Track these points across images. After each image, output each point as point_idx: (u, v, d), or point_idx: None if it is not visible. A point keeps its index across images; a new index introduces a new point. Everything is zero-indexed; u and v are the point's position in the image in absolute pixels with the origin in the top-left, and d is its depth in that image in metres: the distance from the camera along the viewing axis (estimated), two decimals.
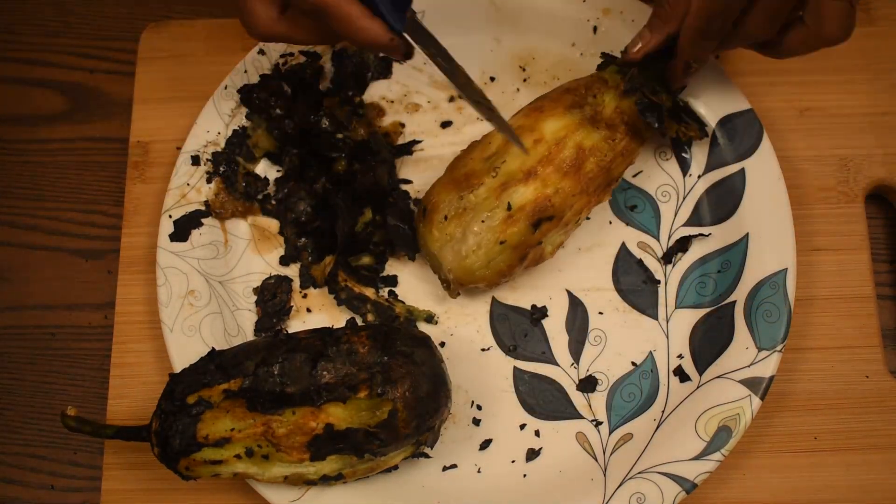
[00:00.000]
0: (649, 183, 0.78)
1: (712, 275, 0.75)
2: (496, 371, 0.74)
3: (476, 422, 0.73)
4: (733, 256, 0.74)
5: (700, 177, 0.77)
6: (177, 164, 0.78)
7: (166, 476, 0.70)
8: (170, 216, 0.77)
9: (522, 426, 0.73)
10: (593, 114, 0.71)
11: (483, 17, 0.82)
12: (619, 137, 0.71)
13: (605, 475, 0.70)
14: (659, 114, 0.71)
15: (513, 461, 0.72)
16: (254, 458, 0.66)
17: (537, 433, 0.72)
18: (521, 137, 0.71)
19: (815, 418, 0.73)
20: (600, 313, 0.75)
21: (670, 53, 0.71)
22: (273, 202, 0.79)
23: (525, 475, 0.71)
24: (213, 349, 0.68)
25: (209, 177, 0.79)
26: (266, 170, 0.80)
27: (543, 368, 0.74)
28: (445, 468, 0.72)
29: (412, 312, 0.76)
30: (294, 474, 0.67)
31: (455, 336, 0.76)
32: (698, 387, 0.71)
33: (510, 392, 0.74)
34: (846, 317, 0.75)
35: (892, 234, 0.80)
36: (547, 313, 0.76)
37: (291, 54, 0.81)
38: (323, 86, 0.82)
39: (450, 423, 0.73)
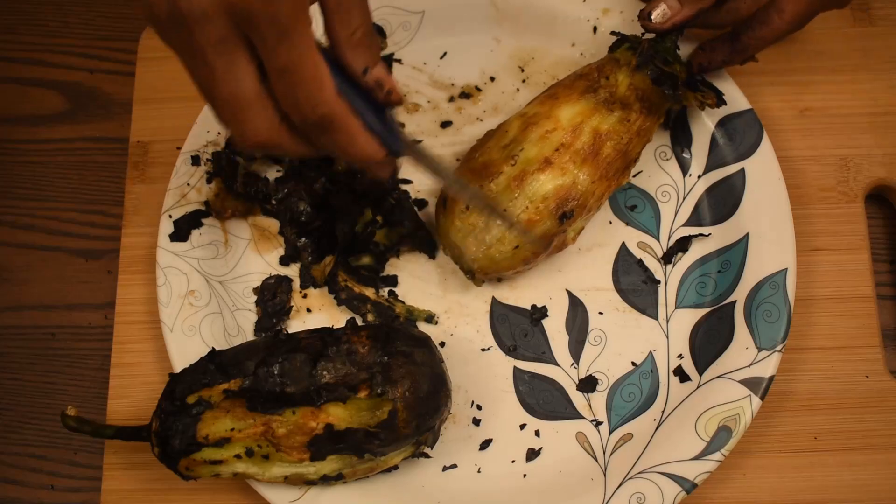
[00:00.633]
0: (649, 183, 0.78)
1: (712, 275, 0.75)
2: (496, 371, 0.74)
3: (476, 422, 0.73)
4: (733, 256, 0.74)
5: (700, 177, 0.77)
6: (177, 164, 0.78)
7: (166, 476, 0.70)
8: (170, 216, 0.77)
9: (522, 426, 0.73)
10: (607, 96, 0.71)
11: (483, 17, 0.82)
12: (635, 117, 0.71)
13: (605, 475, 0.70)
14: (673, 81, 0.70)
15: (513, 461, 0.72)
16: (254, 458, 0.66)
17: (537, 433, 0.73)
18: (537, 125, 0.71)
19: (815, 418, 0.73)
20: (600, 313, 0.75)
21: (681, 30, 0.71)
22: (273, 202, 0.79)
23: (525, 475, 0.71)
24: (213, 349, 0.68)
25: (209, 177, 0.79)
26: (266, 170, 0.80)
27: (543, 368, 0.74)
28: (445, 468, 0.72)
29: (412, 312, 0.76)
30: (294, 474, 0.67)
31: (455, 336, 0.76)
32: (698, 387, 0.71)
33: (510, 392, 0.74)
34: (846, 317, 0.75)
35: (892, 234, 0.80)
36: (547, 313, 0.76)
37: None
38: None
39: (450, 423, 0.73)
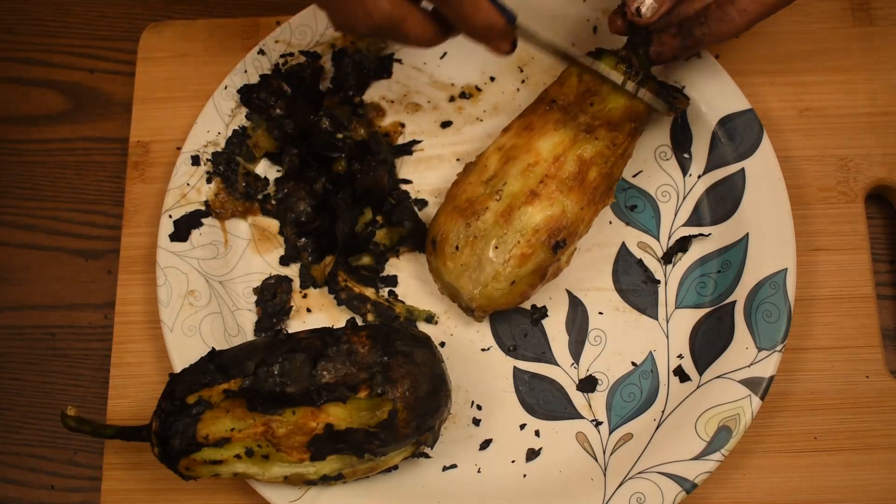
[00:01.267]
0: (649, 183, 0.78)
1: (712, 275, 0.75)
2: (496, 371, 0.74)
3: (476, 422, 0.73)
4: (733, 256, 0.74)
5: (700, 177, 0.77)
6: (177, 164, 0.78)
7: (166, 476, 0.70)
8: (170, 216, 0.77)
9: (522, 426, 0.73)
10: (588, 122, 0.69)
11: None
12: (622, 139, 0.70)
13: (605, 475, 0.70)
14: (675, 91, 0.69)
15: (513, 461, 0.72)
16: (254, 458, 0.66)
17: (537, 433, 0.73)
18: (517, 159, 0.69)
19: (815, 418, 0.73)
20: (600, 313, 0.75)
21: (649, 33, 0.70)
22: (273, 202, 0.79)
23: (525, 475, 0.71)
24: (213, 349, 0.68)
25: (209, 177, 0.79)
26: (266, 170, 0.80)
27: (543, 368, 0.74)
28: (445, 468, 0.72)
29: (412, 312, 0.76)
30: (294, 474, 0.67)
31: (455, 336, 0.76)
32: (698, 387, 0.71)
33: (510, 392, 0.74)
34: (846, 317, 0.75)
35: (892, 234, 0.80)
36: (547, 313, 0.76)
37: (291, 54, 0.81)
38: (323, 86, 0.82)
39: (450, 423, 0.73)
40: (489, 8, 0.62)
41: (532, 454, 0.72)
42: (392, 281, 0.77)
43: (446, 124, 0.81)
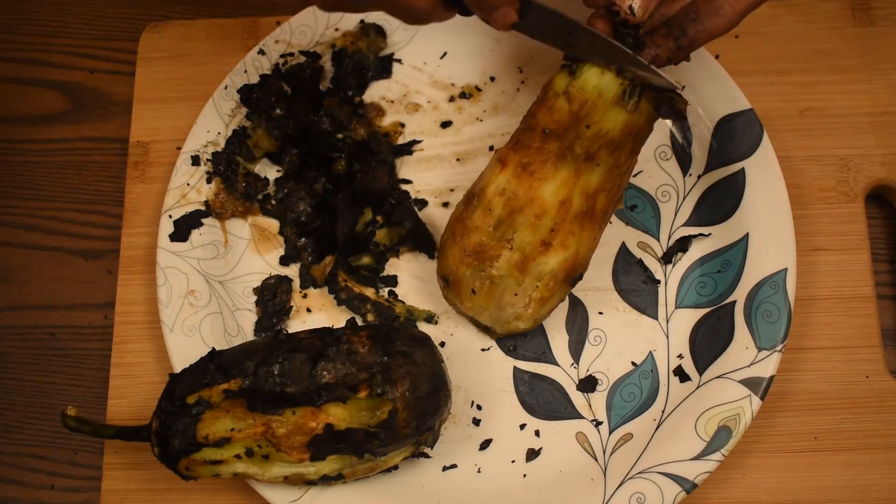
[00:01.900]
0: (649, 183, 0.78)
1: (712, 275, 0.75)
2: (496, 371, 0.74)
3: (476, 422, 0.73)
4: (733, 256, 0.74)
5: (700, 177, 0.77)
6: (177, 164, 0.78)
7: (166, 476, 0.70)
8: (170, 216, 0.77)
9: (522, 426, 0.73)
10: (588, 149, 0.64)
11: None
12: (624, 158, 0.65)
13: (605, 475, 0.70)
14: (676, 96, 0.64)
15: (513, 461, 0.72)
16: (254, 458, 0.66)
17: (537, 433, 0.73)
18: (522, 212, 0.66)
19: (815, 418, 0.73)
20: (600, 313, 0.75)
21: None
22: (273, 202, 0.79)
23: (525, 475, 0.71)
24: (213, 349, 0.68)
25: (209, 177, 0.79)
26: (266, 170, 0.80)
27: (543, 368, 0.74)
28: (445, 468, 0.72)
29: (412, 312, 0.76)
30: (294, 474, 0.67)
31: (455, 336, 0.76)
32: (698, 387, 0.71)
33: (510, 392, 0.74)
34: (846, 317, 0.75)
35: (892, 234, 0.80)
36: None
37: (291, 54, 0.81)
38: (323, 86, 0.82)
39: (450, 423, 0.73)
40: None
41: (532, 454, 0.72)
42: (392, 281, 0.77)
43: (446, 124, 0.81)
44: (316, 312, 0.77)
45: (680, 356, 0.73)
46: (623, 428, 0.72)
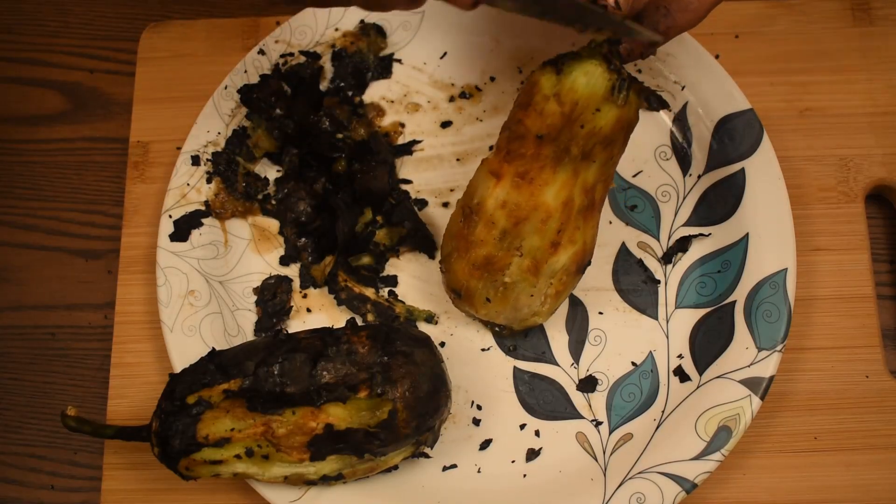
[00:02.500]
0: (649, 183, 0.78)
1: (712, 275, 0.75)
2: (496, 371, 0.74)
3: (476, 422, 0.73)
4: (733, 256, 0.74)
5: (700, 177, 0.77)
6: (177, 164, 0.78)
7: (166, 476, 0.70)
8: (170, 216, 0.77)
9: (522, 426, 0.73)
10: (583, 147, 0.62)
11: (483, 17, 0.82)
12: (618, 150, 0.65)
13: (605, 475, 0.70)
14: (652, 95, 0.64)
15: (513, 461, 0.72)
16: (254, 458, 0.66)
17: (537, 433, 0.73)
18: (528, 220, 0.65)
19: (815, 418, 0.73)
20: (600, 313, 0.75)
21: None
22: (273, 202, 0.79)
23: (525, 475, 0.71)
24: (213, 349, 0.69)
25: (209, 177, 0.79)
26: (266, 170, 0.80)
27: (543, 368, 0.74)
28: (445, 468, 0.72)
29: (412, 312, 0.76)
30: (294, 474, 0.67)
31: (455, 336, 0.76)
32: (698, 387, 0.71)
33: (510, 392, 0.74)
34: (846, 317, 0.75)
35: (892, 234, 0.80)
36: None
37: (291, 54, 0.81)
38: (323, 86, 0.82)
39: (450, 423, 0.73)
40: None
41: (532, 454, 0.72)
42: (392, 281, 0.77)
43: (446, 124, 0.81)
44: (316, 312, 0.77)
45: (680, 356, 0.73)
46: (623, 428, 0.72)
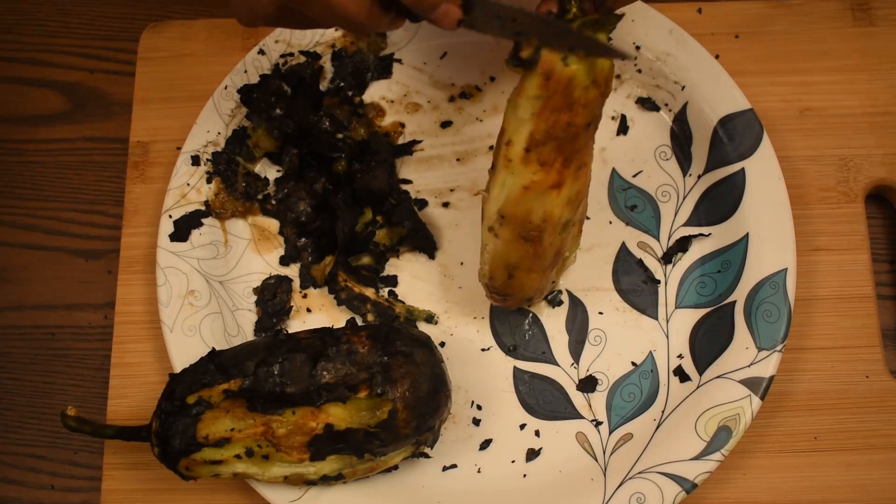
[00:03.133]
0: (649, 183, 0.78)
1: (712, 275, 0.75)
2: (496, 371, 0.74)
3: (476, 422, 0.73)
4: (733, 256, 0.74)
5: (700, 177, 0.77)
6: (177, 164, 0.78)
7: (166, 476, 0.70)
8: (170, 216, 0.77)
9: (522, 426, 0.73)
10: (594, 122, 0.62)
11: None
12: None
13: (605, 475, 0.70)
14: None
15: (513, 461, 0.72)
16: (254, 458, 0.66)
17: (537, 433, 0.73)
18: (580, 200, 0.66)
19: (815, 418, 0.73)
20: (600, 313, 0.75)
21: None
22: (273, 202, 0.79)
23: (525, 475, 0.71)
24: (213, 349, 0.69)
25: (209, 177, 0.79)
26: (266, 170, 0.80)
27: (543, 368, 0.74)
28: (445, 468, 0.72)
29: (412, 312, 0.76)
30: (294, 474, 0.67)
31: (455, 336, 0.76)
32: (698, 387, 0.71)
33: (510, 392, 0.74)
34: (846, 317, 0.75)
35: (892, 234, 0.80)
36: (561, 299, 0.76)
37: (291, 54, 0.81)
38: (323, 86, 0.82)
39: (450, 423, 0.73)
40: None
41: (532, 454, 0.72)
42: (392, 281, 0.77)
43: (446, 124, 0.81)
44: (316, 312, 0.77)
45: (680, 356, 0.73)
46: (623, 428, 0.72)
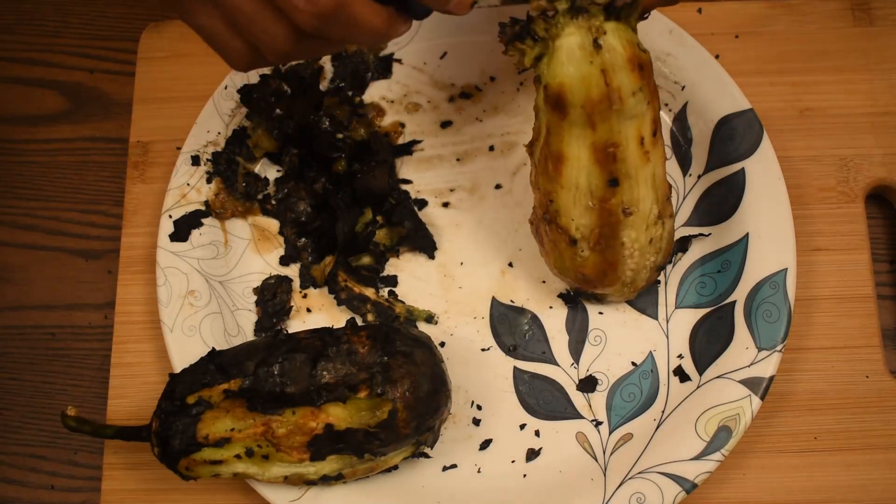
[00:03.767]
0: None
1: (712, 275, 0.75)
2: (496, 371, 0.74)
3: (476, 422, 0.73)
4: (733, 256, 0.74)
5: (700, 177, 0.77)
6: (177, 164, 0.78)
7: (166, 476, 0.70)
8: (170, 216, 0.77)
9: (522, 426, 0.73)
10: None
11: (483, 17, 0.82)
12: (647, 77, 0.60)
13: (605, 475, 0.70)
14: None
15: (513, 461, 0.72)
16: (254, 458, 0.66)
17: (537, 433, 0.73)
18: (660, 179, 0.64)
19: (815, 418, 0.73)
20: (600, 313, 0.75)
21: None
22: (273, 202, 0.79)
23: (525, 475, 0.71)
24: (213, 349, 0.69)
25: (209, 177, 0.79)
26: (266, 170, 0.80)
27: (543, 368, 0.74)
28: (445, 468, 0.72)
29: (412, 312, 0.76)
30: (294, 474, 0.67)
31: (455, 336, 0.76)
32: (698, 387, 0.71)
33: (510, 392, 0.74)
34: (846, 317, 0.75)
35: (892, 234, 0.80)
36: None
37: None
38: (323, 86, 0.82)
39: (450, 423, 0.73)
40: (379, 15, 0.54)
41: (532, 454, 0.72)
42: (392, 281, 0.77)
43: (446, 124, 0.81)
44: (316, 312, 0.77)
45: (680, 356, 0.73)
46: (623, 428, 0.72)
